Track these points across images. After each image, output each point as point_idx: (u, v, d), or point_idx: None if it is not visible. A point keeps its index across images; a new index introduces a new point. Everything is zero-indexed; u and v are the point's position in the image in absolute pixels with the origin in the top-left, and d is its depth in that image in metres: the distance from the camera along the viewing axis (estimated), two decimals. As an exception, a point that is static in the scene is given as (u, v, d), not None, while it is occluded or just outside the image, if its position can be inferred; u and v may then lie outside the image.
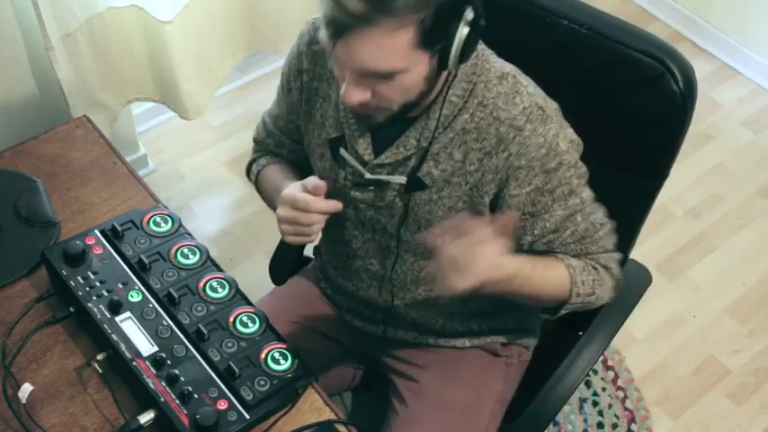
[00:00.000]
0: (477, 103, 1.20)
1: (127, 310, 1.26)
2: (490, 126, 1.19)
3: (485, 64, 1.20)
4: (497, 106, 1.19)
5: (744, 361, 2.26)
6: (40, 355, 1.29)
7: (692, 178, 2.66)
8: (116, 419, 1.22)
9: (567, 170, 1.22)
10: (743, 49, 2.97)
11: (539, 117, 1.19)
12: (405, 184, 1.25)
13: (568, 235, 1.26)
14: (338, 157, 1.30)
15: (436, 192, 1.25)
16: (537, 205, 1.23)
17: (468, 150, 1.21)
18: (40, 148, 1.58)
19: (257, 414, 1.18)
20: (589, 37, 1.32)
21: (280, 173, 1.45)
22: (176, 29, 1.96)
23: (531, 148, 1.18)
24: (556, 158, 1.20)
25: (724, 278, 2.44)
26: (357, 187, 1.30)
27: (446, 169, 1.23)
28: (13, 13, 1.57)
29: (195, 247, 1.35)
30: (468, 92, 1.19)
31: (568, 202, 1.23)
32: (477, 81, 1.19)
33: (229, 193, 2.58)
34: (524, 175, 1.20)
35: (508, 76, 1.21)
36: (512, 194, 1.22)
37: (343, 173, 1.31)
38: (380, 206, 1.30)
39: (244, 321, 1.27)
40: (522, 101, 1.19)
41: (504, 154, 1.19)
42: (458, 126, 1.20)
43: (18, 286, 1.37)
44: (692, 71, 1.30)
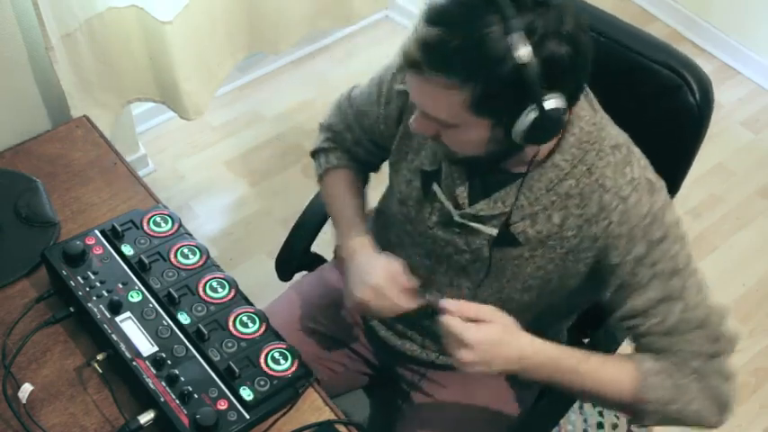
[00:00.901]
0: (584, 170, 1.15)
1: (127, 310, 1.26)
2: (594, 193, 1.15)
3: (600, 132, 1.16)
4: (605, 175, 1.15)
5: (744, 361, 2.26)
6: (40, 355, 1.29)
7: (692, 178, 2.64)
8: (116, 419, 1.22)
9: (672, 244, 1.14)
10: (743, 49, 2.97)
11: (646, 189, 1.15)
12: (496, 237, 1.22)
13: (656, 323, 1.15)
14: (428, 191, 1.27)
15: (528, 251, 1.21)
16: (635, 277, 1.15)
17: (568, 215, 1.17)
18: (40, 148, 1.58)
19: (257, 414, 1.18)
20: (608, 46, 1.31)
21: (348, 190, 1.44)
22: (176, 29, 1.96)
23: (634, 217, 1.13)
24: (661, 229, 1.14)
25: (724, 278, 2.44)
26: (442, 226, 1.28)
27: (542, 231, 1.19)
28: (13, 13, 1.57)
29: (195, 247, 1.35)
30: (579, 159, 1.15)
31: (669, 282, 1.14)
32: (589, 149, 1.15)
33: (229, 193, 2.58)
34: (625, 243, 1.14)
35: (622, 147, 1.17)
36: (612, 264, 1.16)
37: (430, 208, 1.28)
38: (464, 250, 1.27)
39: (244, 321, 1.27)
40: (632, 172, 1.15)
41: (605, 222, 1.15)
42: (562, 190, 1.16)
43: (18, 286, 1.37)
44: (709, 84, 1.28)
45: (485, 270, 1.27)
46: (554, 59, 1.00)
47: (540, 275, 1.24)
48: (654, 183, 1.16)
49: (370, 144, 1.43)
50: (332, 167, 1.46)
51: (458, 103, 1.04)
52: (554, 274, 1.23)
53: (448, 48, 1.00)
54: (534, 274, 1.24)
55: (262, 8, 2.20)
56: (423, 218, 1.30)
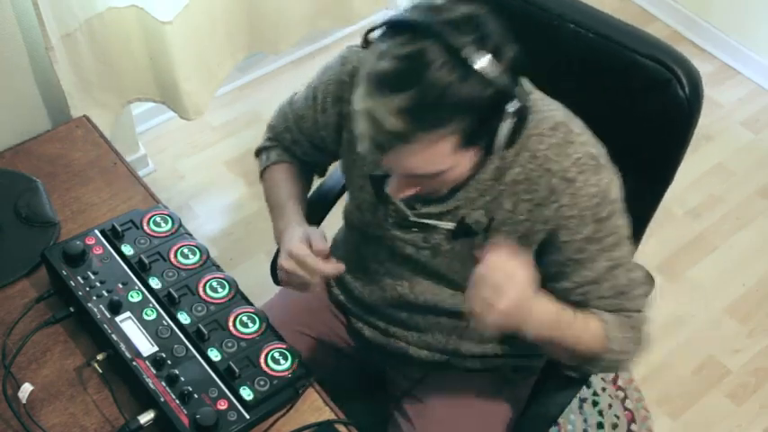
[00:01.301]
0: (528, 156, 1.18)
1: (127, 310, 1.26)
2: (541, 178, 1.17)
3: (536, 115, 1.17)
4: (548, 158, 1.17)
5: (744, 361, 2.26)
6: (40, 355, 1.29)
7: (692, 178, 2.66)
8: (116, 419, 1.22)
9: (617, 219, 1.20)
10: (743, 49, 2.97)
11: (591, 167, 1.17)
12: (453, 230, 1.24)
13: (607, 288, 1.22)
14: (381, 194, 1.28)
15: (484, 239, 1.24)
16: (584, 253, 1.20)
17: (519, 201, 1.20)
18: (40, 148, 1.58)
19: (257, 414, 1.18)
20: (596, 41, 1.31)
21: (286, 183, 1.44)
22: (176, 29, 1.96)
23: (583, 199, 1.17)
24: (608, 207, 1.18)
25: (724, 278, 2.44)
26: (400, 227, 1.29)
27: (495, 218, 1.22)
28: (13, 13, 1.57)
29: (195, 247, 1.35)
30: (520, 145, 1.17)
31: (614, 253, 1.21)
32: (528, 135, 1.17)
33: (229, 193, 2.58)
34: (575, 224, 1.18)
35: (560, 126, 1.18)
36: (562, 241, 1.20)
37: (385, 210, 1.30)
38: (424, 247, 1.29)
39: (244, 321, 1.27)
40: (576, 151, 1.17)
41: (555, 205, 1.18)
42: (508, 179, 1.19)
43: (18, 286, 1.37)
44: (698, 78, 1.29)
45: (446, 263, 1.29)
46: (515, 63, 1.05)
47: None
48: (597, 157, 1.18)
49: (309, 146, 1.44)
50: (272, 163, 1.47)
51: (449, 148, 1.05)
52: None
53: (427, 104, 1.00)
54: None
55: (262, 8, 2.20)
56: (379, 221, 1.31)
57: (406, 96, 1.00)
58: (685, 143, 1.33)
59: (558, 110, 1.21)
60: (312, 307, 1.54)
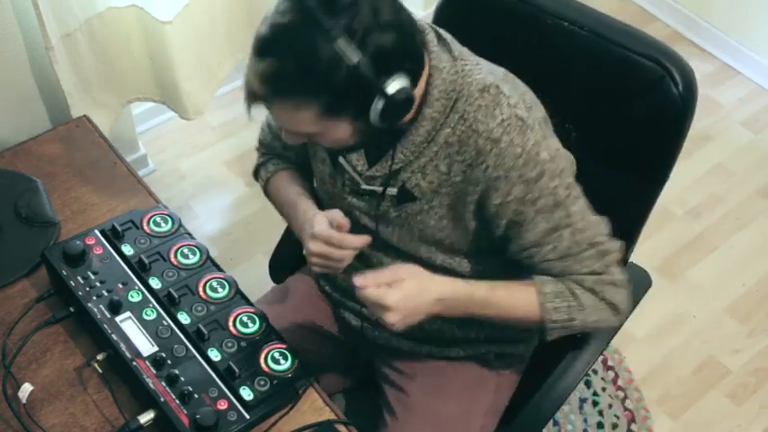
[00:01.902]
0: (457, 118, 1.19)
1: (127, 310, 1.26)
2: (469, 139, 1.19)
3: (465, 78, 1.20)
4: (477, 119, 1.19)
5: (744, 361, 2.26)
6: (40, 355, 1.29)
7: (692, 178, 2.66)
8: (116, 419, 1.22)
9: (550, 180, 1.20)
10: (743, 49, 2.97)
11: (517, 128, 1.18)
12: (396, 196, 1.27)
13: (549, 250, 1.24)
14: (337, 165, 1.32)
15: (426, 203, 1.26)
16: (520, 215, 1.21)
17: (452, 162, 1.22)
18: (40, 148, 1.58)
19: (257, 414, 1.18)
20: (590, 39, 1.32)
21: (291, 184, 1.45)
22: (176, 29, 1.96)
23: (508, 159, 1.18)
24: (536, 167, 1.18)
25: (724, 278, 2.44)
26: (353, 194, 1.32)
27: (433, 181, 1.24)
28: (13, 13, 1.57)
29: (195, 247, 1.35)
30: (449, 108, 1.19)
31: (553, 215, 1.21)
32: (457, 97, 1.19)
33: (229, 193, 2.58)
34: (503, 185, 1.19)
35: (490, 87, 1.20)
36: (494, 204, 1.21)
37: (341, 179, 1.33)
38: (375, 215, 1.31)
39: (244, 321, 1.27)
40: (502, 112, 1.18)
41: (483, 166, 1.19)
42: (441, 140, 1.21)
43: (18, 286, 1.37)
44: (692, 74, 1.29)
45: (396, 235, 1.32)
46: (381, 50, 1.06)
47: (443, 225, 1.28)
48: (525, 119, 1.19)
49: (299, 147, 1.44)
50: (271, 175, 1.49)
51: (311, 115, 1.10)
52: (454, 220, 1.27)
53: (285, 74, 1.06)
54: (438, 224, 1.28)
55: (262, 8, 2.19)
56: (338, 191, 1.34)
57: (267, 63, 1.06)
58: (680, 141, 1.33)
59: (491, 73, 1.22)
60: (303, 296, 1.56)
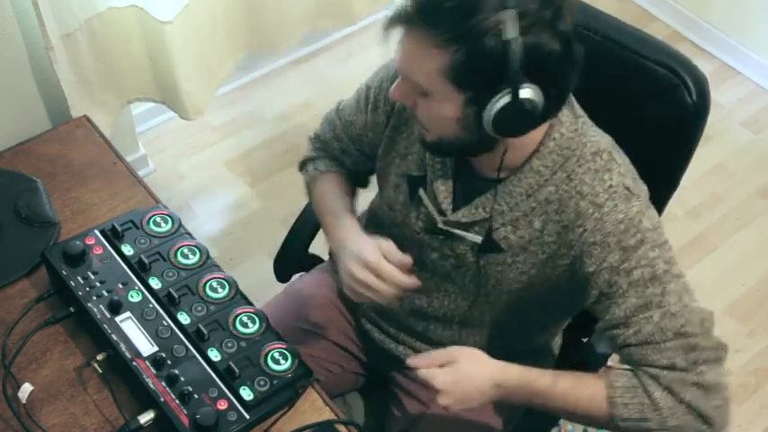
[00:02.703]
0: (564, 177, 1.15)
1: (127, 310, 1.26)
2: (571, 200, 1.15)
3: (581, 138, 1.16)
4: (584, 182, 1.15)
5: (744, 361, 2.26)
6: (40, 355, 1.29)
7: (692, 178, 2.66)
8: (116, 419, 1.22)
9: (650, 250, 1.12)
10: (743, 49, 2.97)
11: (623, 195, 1.13)
12: (480, 244, 1.23)
13: (632, 334, 1.12)
14: (414, 196, 1.28)
15: (511, 256, 1.22)
16: (612, 286, 1.13)
17: (548, 221, 1.18)
18: (40, 148, 1.58)
19: (257, 414, 1.18)
20: (603, 45, 1.31)
21: (339, 193, 1.41)
22: (176, 29, 1.95)
23: (609, 224, 1.12)
24: (637, 235, 1.12)
25: (724, 278, 2.44)
26: (427, 232, 1.28)
27: (524, 236, 1.20)
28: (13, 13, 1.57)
29: (195, 247, 1.35)
30: (559, 165, 1.15)
31: (647, 290, 1.12)
32: (569, 155, 1.15)
33: (229, 193, 2.58)
34: (599, 251, 1.13)
35: (603, 153, 1.16)
36: (587, 271, 1.15)
37: (416, 213, 1.29)
38: (449, 255, 1.28)
39: (244, 321, 1.27)
40: (611, 178, 1.14)
41: (580, 229, 1.14)
42: (541, 196, 1.17)
43: (18, 286, 1.37)
44: (705, 83, 1.29)
45: (469, 276, 1.28)
46: (540, 50, 1.01)
47: (523, 280, 1.24)
48: (631, 189, 1.15)
49: (358, 153, 1.43)
50: (320, 173, 1.46)
51: (436, 65, 1.04)
52: (536, 278, 1.23)
53: (442, 5, 1.01)
54: (518, 278, 1.24)
55: (262, 8, 2.20)
56: (409, 222, 1.30)
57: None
58: (691, 148, 1.33)
59: (604, 138, 1.19)
60: (319, 305, 1.54)
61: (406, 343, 1.44)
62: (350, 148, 1.43)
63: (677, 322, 1.12)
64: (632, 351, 1.14)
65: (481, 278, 1.27)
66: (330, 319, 1.53)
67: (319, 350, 1.49)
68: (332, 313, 1.53)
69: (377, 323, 1.47)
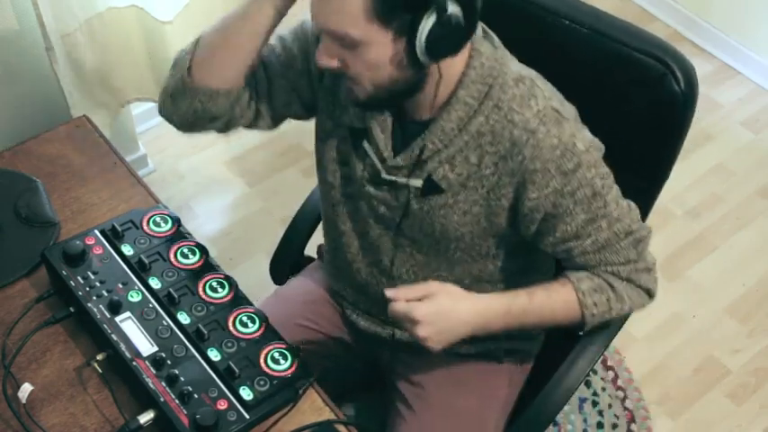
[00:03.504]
0: (492, 106, 1.18)
1: (127, 310, 1.26)
2: (504, 129, 1.18)
3: (502, 67, 1.19)
4: (512, 109, 1.18)
5: (744, 361, 2.26)
6: (40, 355, 1.29)
7: (692, 178, 2.66)
8: (116, 419, 1.22)
9: (587, 170, 1.19)
10: (743, 49, 2.97)
11: (553, 119, 1.17)
12: (421, 188, 1.25)
13: (589, 244, 1.24)
14: (359, 148, 1.29)
15: (452, 196, 1.24)
16: (558, 208, 1.21)
17: (484, 154, 1.20)
18: (40, 148, 1.58)
19: (257, 414, 1.18)
20: (590, 37, 1.32)
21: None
22: (176, 29, 1.96)
23: (546, 150, 1.17)
24: (573, 159, 1.18)
25: (724, 278, 2.44)
26: (373, 184, 1.30)
27: (462, 173, 1.22)
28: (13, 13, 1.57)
29: (195, 247, 1.35)
30: (484, 94, 1.18)
31: (591, 205, 1.21)
32: (493, 83, 1.18)
33: (229, 193, 2.58)
34: (540, 178, 1.18)
35: (525, 79, 1.19)
36: (530, 198, 1.20)
37: (362, 165, 1.30)
38: (395, 206, 1.30)
39: (244, 321, 1.27)
40: (538, 104, 1.18)
41: (519, 157, 1.18)
42: (473, 129, 1.19)
43: (18, 286, 1.37)
44: (693, 71, 1.30)
45: (417, 225, 1.30)
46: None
47: (467, 220, 1.26)
48: (560, 111, 1.19)
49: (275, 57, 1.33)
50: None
51: (359, 7, 1.05)
52: (480, 215, 1.25)
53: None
54: (462, 219, 1.26)
55: (262, 8, 2.20)
56: (357, 176, 1.31)
57: None
58: (681, 138, 1.34)
59: (527, 69, 1.22)
60: (310, 301, 1.55)
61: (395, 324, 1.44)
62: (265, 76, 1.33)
63: (624, 224, 1.24)
64: (590, 257, 1.25)
65: (427, 226, 1.29)
66: (322, 314, 1.54)
67: (313, 344, 1.49)
68: (324, 308, 1.54)
69: (359, 307, 1.48)
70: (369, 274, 1.42)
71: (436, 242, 1.31)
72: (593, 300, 1.26)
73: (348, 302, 1.51)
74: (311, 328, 1.52)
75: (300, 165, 2.60)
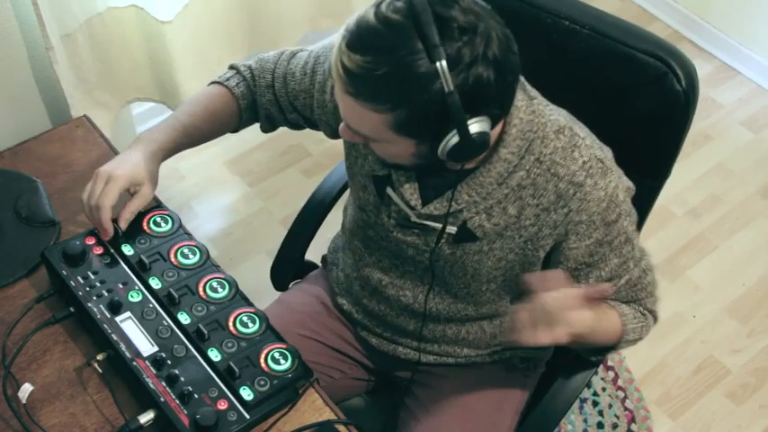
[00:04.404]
0: (533, 160, 1.17)
1: (127, 310, 1.26)
2: (548, 183, 1.17)
3: (540, 118, 1.17)
4: (555, 162, 1.17)
5: (744, 361, 2.26)
6: (40, 355, 1.29)
7: (692, 178, 2.66)
8: (116, 419, 1.22)
9: (624, 219, 1.21)
10: (743, 49, 2.97)
11: (599, 171, 1.17)
12: (454, 234, 1.24)
13: (623, 283, 1.26)
14: (383, 195, 1.28)
15: (487, 244, 1.23)
16: (595, 256, 1.22)
17: (524, 206, 1.19)
18: (40, 148, 1.58)
19: (257, 414, 1.18)
20: (590, 37, 1.32)
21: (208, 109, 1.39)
22: (176, 29, 1.96)
23: (593, 203, 1.17)
24: (616, 210, 1.19)
25: (724, 278, 2.44)
26: (402, 228, 1.29)
27: (499, 224, 1.21)
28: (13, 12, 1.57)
29: (195, 247, 1.35)
30: (524, 149, 1.16)
31: (623, 250, 1.23)
32: (533, 138, 1.16)
33: (229, 193, 2.58)
34: (585, 229, 1.19)
35: (565, 129, 1.18)
36: (571, 248, 1.21)
37: (388, 211, 1.29)
38: (425, 250, 1.29)
39: (244, 321, 1.27)
40: (582, 155, 1.17)
41: (564, 210, 1.18)
42: (513, 183, 1.18)
43: (18, 286, 1.37)
44: (693, 70, 1.30)
45: (448, 268, 1.29)
46: (478, 86, 1.02)
47: (501, 266, 1.26)
48: (604, 160, 1.19)
49: (286, 101, 1.40)
50: (223, 84, 1.42)
51: (381, 123, 1.05)
52: (515, 262, 1.25)
53: (373, 76, 1.01)
54: (496, 265, 1.26)
55: (262, 8, 2.20)
56: (382, 222, 1.31)
57: (360, 59, 1.01)
58: (682, 136, 1.34)
59: (561, 114, 1.20)
60: (315, 312, 1.54)
61: (407, 345, 1.44)
62: (279, 90, 1.39)
63: (644, 263, 1.28)
64: (623, 295, 1.28)
65: (458, 269, 1.28)
66: (326, 325, 1.52)
67: (318, 356, 1.49)
68: (329, 321, 1.53)
69: (371, 329, 1.48)
70: (387, 307, 1.42)
71: (467, 285, 1.31)
72: (632, 325, 1.27)
73: (360, 325, 1.50)
74: (313, 338, 1.51)
75: (301, 165, 2.60)
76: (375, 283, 1.40)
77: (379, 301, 1.42)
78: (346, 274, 1.49)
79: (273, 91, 1.40)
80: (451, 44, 0.99)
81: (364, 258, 1.40)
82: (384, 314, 1.43)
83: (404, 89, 1.01)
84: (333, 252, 1.56)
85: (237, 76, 1.43)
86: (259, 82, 1.42)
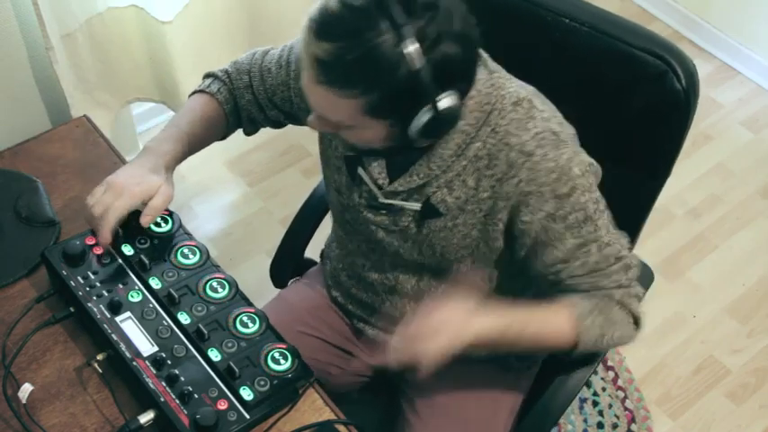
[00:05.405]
0: (489, 131, 1.17)
1: (127, 310, 1.26)
2: (500, 152, 1.17)
3: (499, 91, 1.18)
4: (509, 132, 1.17)
5: (744, 361, 2.26)
6: (40, 355, 1.29)
7: (692, 178, 2.66)
8: (116, 419, 1.22)
9: (581, 195, 1.18)
10: (743, 49, 2.97)
11: (551, 142, 1.16)
12: (419, 211, 1.25)
13: (578, 266, 1.21)
14: (355, 176, 1.29)
15: (451, 219, 1.24)
16: (549, 233, 1.19)
17: (481, 177, 1.19)
18: (40, 148, 1.58)
19: (257, 414, 1.18)
20: (590, 36, 1.32)
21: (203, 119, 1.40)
22: (176, 29, 1.96)
23: (542, 173, 1.16)
24: (568, 183, 1.16)
25: (724, 278, 2.44)
26: (371, 209, 1.30)
27: (460, 197, 1.21)
28: (13, 12, 1.57)
29: (195, 247, 1.35)
30: (482, 120, 1.17)
31: (582, 230, 1.19)
32: (490, 110, 1.17)
33: (229, 193, 2.58)
34: (534, 201, 1.17)
35: (523, 101, 1.18)
36: (523, 221, 1.19)
37: (359, 191, 1.30)
38: (393, 230, 1.29)
39: (244, 321, 1.27)
40: (536, 126, 1.17)
41: (515, 180, 1.17)
42: (470, 153, 1.18)
43: (18, 286, 1.37)
44: (694, 69, 1.30)
45: (417, 248, 1.29)
46: (446, 61, 1.03)
47: (467, 244, 1.26)
48: (559, 133, 1.18)
49: (264, 98, 1.41)
50: (206, 92, 1.43)
51: (354, 108, 1.06)
52: (479, 240, 1.25)
53: (343, 62, 1.02)
54: (461, 243, 1.26)
55: (262, 8, 2.20)
56: (355, 203, 1.32)
57: (326, 47, 1.02)
58: (683, 135, 1.34)
59: (523, 88, 1.21)
60: (313, 307, 1.54)
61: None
62: (258, 89, 1.41)
63: (614, 248, 1.22)
64: (580, 280, 1.22)
65: (427, 249, 1.28)
66: (324, 320, 1.53)
67: (317, 352, 1.49)
68: (328, 316, 1.53)
69: (366, 320, 1.48)
70: (373, 293, 1.42)
71: (438, 264, 1.31)
72: (587, 324, 1.22)
73: (355, 316, 1.50)
74: (314, 336, 1.51)
75: (300, 165, 2.60)
76: (359, 270, 1.41)
77: (365, 288, 1.43)
78: (334, 266, 1.51)
79: (252, 90, 1.42)
80: (416, 21, 1.00)
81: (347, 246, 1.42)
82: (373, 302, 1.43)
83: (375, 71, 1.02)
84: (327, 246, 1.58)
85: (217, 81, 1.44)
86: (237, 84, 1.43)
